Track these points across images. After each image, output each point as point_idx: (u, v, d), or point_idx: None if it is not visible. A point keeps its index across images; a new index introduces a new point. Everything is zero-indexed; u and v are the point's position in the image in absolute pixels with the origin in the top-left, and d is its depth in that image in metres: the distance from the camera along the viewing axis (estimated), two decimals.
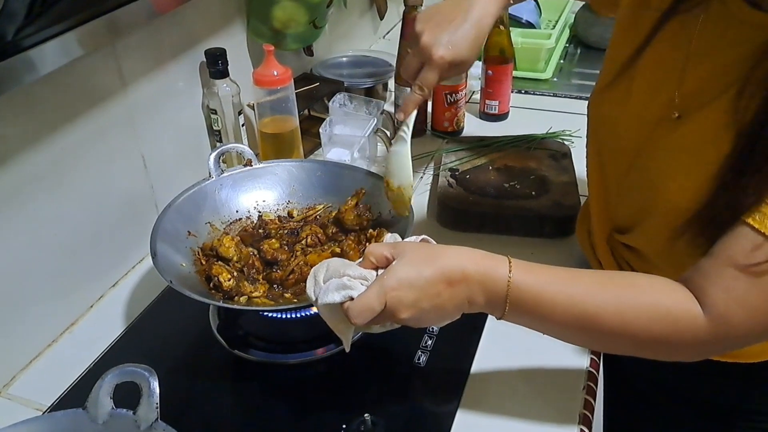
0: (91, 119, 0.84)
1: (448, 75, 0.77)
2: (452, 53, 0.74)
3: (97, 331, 0.85)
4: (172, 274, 0.74)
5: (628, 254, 0.77)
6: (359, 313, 0.58)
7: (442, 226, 1.03)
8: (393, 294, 0.58)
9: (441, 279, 0.59)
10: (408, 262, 0.59)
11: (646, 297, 0.59)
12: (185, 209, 0.84)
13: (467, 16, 0.74)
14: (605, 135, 0.78)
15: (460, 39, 0.74)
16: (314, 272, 0.64)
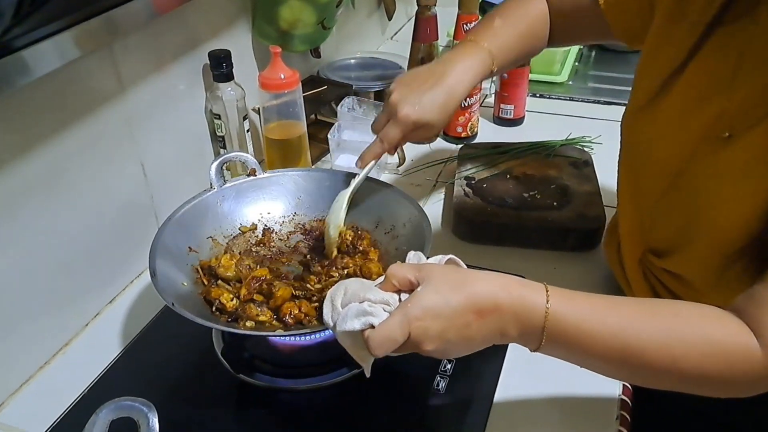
0: (88, 125, 0.79)
1: (414, 137, 0.76)
2: (417, 113, 0.73)
3: (92, 352, 0.80)
4: (173, 295, 0.69)
5: (666, 277, 0.72)
6: (380, 344, 0.53)
7: (459, 238, 0.97)
8: (417, 324, 0.53)
9: (470, 309, 0.53)
10: (435, 288, 0.54)
11: (696, 329, 0.53)
12: (185, 223, 0.79)
13: (440, 80, 0.75)
14: (641, 155, 0.72)
15: (428, 101, 0.74)
16: (331, 296, 0.59)
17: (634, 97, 0.74)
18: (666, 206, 0.69)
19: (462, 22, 1.12)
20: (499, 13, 0.84)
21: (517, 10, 0.85)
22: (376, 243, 0.83)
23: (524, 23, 0.84)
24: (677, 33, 0.67)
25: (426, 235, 0.76)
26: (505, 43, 0.81)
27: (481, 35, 0.81)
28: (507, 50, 0.81)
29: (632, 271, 0.77)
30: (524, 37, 0.84)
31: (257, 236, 0.85)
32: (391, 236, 0.83)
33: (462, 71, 0.77)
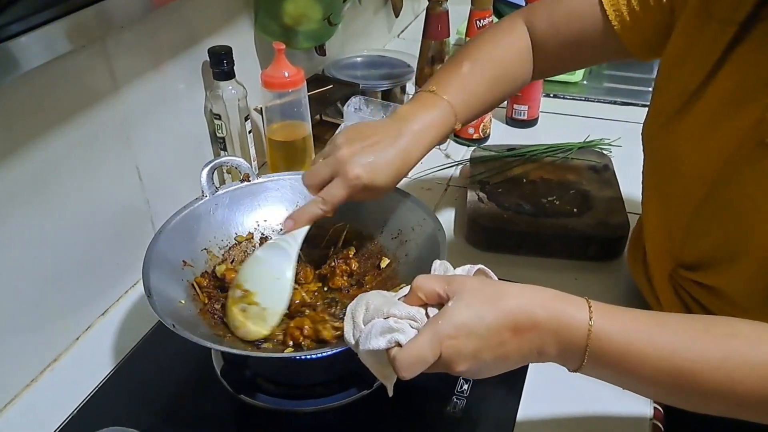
0: (79, 125, 0.73)
1: (356, 198, 0.68)
2: (370, 177, 0.66)
3: (82, 369, 0.75)
4: (172, 314, 0.63)
5: (701, 292, 0.66)
6: (409, 366, 0.49)
7: (473, 246, 0.92)
8: (449, 343, 0.49)
9: (506, 326, 0.49)
10: (467, 303, 0.50)
11: (756, 349, 0.48)
12: (178, 235, 0.73)
13: (395, 143, 0.68)
14: (670, 165, 0.67)
15: (382, 165, 0.67)
16: (351, 312, 0.54)
17: (658, 104, 0.68)
18: (701, 219, 0.64)
19: (475, 18, 1.06)
20: (469, 56, 0.76)
21: (492, 50, 0.77)
22: (383, 249, 0.78)
23: (498, 67, 0.76)
24: (705, 35, 0.62)
25: (439, 241, 0.71)
26: (472, 96, 0.74)
27: (446, 85, 0.73)
28: (474, 104, 0.74)
29: (661, 285, 0.71)
30: (497, 83, 0.76)
31: (254, 246, 0.79)
32: (398, 242, 0.77)
33: (419, 134, 0.69)
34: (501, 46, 0.78)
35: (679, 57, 0.66)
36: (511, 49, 0.77)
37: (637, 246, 0.78)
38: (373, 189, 0.68)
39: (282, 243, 0.70)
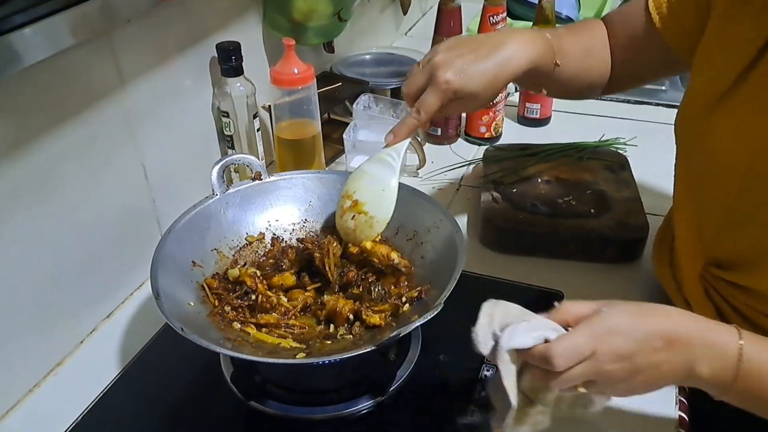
0: (83, 122, 0.71)
1: (453, 108, 0.67)
2: (461, 81, 0.64)
3: (87, 373, 0.72)
4: (180, 317, 0.61)
5: (735, 293, 0.64)
6: (563, 353, 0.48)
7: (487, 248, 0.90)
8: (606, 339, 0.49)
9: (661, 334, 0.50)
10: (622, 310, 0.51)
11: None
12: (187, 235, 0.71)
13: (493, 51, 0.65)
14: (707, 157, 0.64)
15: (474, 70, 0.64)
16: (489, 314, 0.54)
17: (695, 94, 0.66)
18: (737, 213, 0.61)
19: (488, 14, 1.04)
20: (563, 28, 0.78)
21: (580, 26, 0.80)
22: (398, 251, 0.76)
23: (587, 37, 0.77)
24: (744, 24, 0.60)
25: (457, 243, 0.68)
26: (567, 44, 0.73)
27: (544, 31, 0.73)
28: (569, 50, 0.73)
29: (692, 287, 0.69)
30: (586, 49, 0.76)
31: (266, 246, 0.77)
32: (414, 243, 0.75)
33: (521, 45, 0.67)
34: (589, 26, 0.78)
35: (716, 47, 0.64)
36: (596, 31, 0.78)
37: (663, 246, 0.76)
38: (465, 96, 0.64)
39: (385, 156, 0.70)
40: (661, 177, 1.05)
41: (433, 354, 0.72)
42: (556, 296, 0.80)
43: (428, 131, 1.13)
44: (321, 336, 0.67)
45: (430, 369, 0.71)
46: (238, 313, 0.67)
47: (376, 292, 0.66)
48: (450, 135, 1.14)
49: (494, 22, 1.04)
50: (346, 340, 0.65)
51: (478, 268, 0.86)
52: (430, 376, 0.70)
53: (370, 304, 0.66)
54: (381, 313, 0.65)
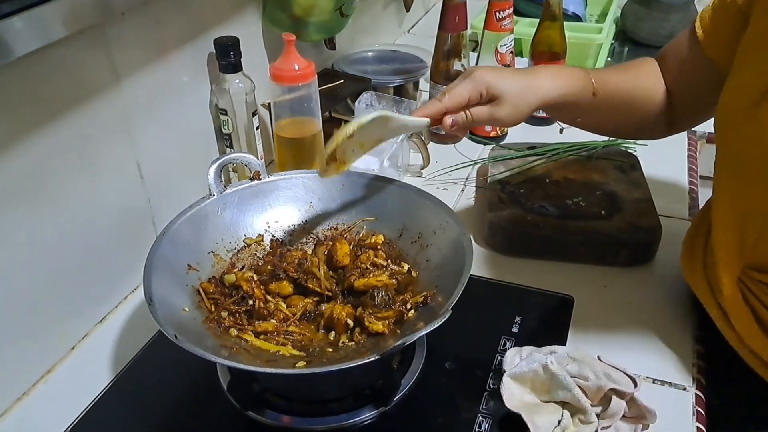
0: (76, 119, 0.68)
1: (479, 113, 0.67)
2: (494, 78, 0.67)
3: (78, 381, 0.69)
4: (174, 323, 0.58)
5: None
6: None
7: (494, 250, 0.87)
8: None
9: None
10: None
11: None
12: (182, 237, 0.68)
13: (528, 75, 0.70)
14: (752, 152, 0.61)
15: (509, 76, 0.68)
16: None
17: (738, 92, 0.62)
18: None
19: (494, 10, 1.01)
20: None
21: (629, 64, 0.80)
22: (402, 254, 0.73)
23: (633, 74, 0.78)
24: None
25: (464, 246, 0.65)
26: (612, 78, 0.75)
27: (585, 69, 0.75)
28: (612, 84, 0.74)
29: (729, 291, 0.65)
30: (628, 73, 0.77)
31: (264, 248, 0.74)
32: (419, 246, 0.72)
33: (554, 75, 0.71)
34: (640, 67, 0.79)
35: (759, 41, 0.61)
36: (643, 62, 0.79)
37: (694, 248, 0.73)
38: (495, 96, 0.67)
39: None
40: (672, 177, 1.02)
41: (439, 362, 0.69)
42: (566, 301, 0.78)
43: (432, 130, 1.10)
44: (322, 343, 0.64)
45: (436, 377, 0.68)
46: (235, 320, 0.65)
47: (379, 298, 0.63)
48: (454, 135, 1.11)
49: (500, 18, 1.02)
50: (348, 348, 0.63)
51: (485, 271, 0.83)
52: (435, 385, 0.67)
53: (373, 311, 0.63)
54: (384, 320, 0.63)
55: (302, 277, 0.69)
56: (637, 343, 0.72)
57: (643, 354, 0.71)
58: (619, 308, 0.77)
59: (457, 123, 0.67)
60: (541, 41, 1.10)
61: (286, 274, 0.69)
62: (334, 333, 0.65)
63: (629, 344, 0.72)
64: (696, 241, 0.73)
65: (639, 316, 0.76)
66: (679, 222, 0.92)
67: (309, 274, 0.69)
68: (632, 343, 0.72)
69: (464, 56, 1.06)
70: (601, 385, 0.59)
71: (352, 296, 0.68)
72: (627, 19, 1.50)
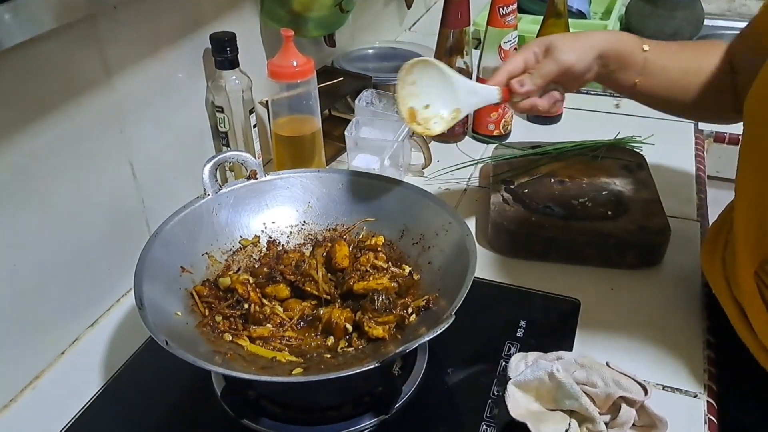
0: (66, 116, 0.66)
1: (543, 63, 0.69)
2: (540, 38, 0.70)
3: (68, 387, 0.67)
4: (165, 329, 0.56)
5: None
6: None
7: (497, 252, 0.84)
8: None
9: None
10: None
11: None
12: (176, 238, 0.66)
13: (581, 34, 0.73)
14: None
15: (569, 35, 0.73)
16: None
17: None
18: None
19: (498, 5, 0.99)
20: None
21: (692, 43, 0.83)
22: (404, 256, 0.71)
23: (690, 43, 0.79)
24: None
25: (468, 248, 0.63)
26: (660, 42, 0.74)
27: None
28: (663, 46, 0.73)
29: (745, 284, 0.62)
30: (685, 49, 0.76)
31: (261, 250, 0.72)
32: (420, 247, 0.70)
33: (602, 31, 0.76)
34: (703, 49, 0.76)
35: None
36: (711, 55, 0.75)
37: (717, 243, 0.70)
38: (546, 43, 0.69)
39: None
40: (679, 177, 1.00)
41: (442, 368, 0.67)
42: (572, 304, 0.75)
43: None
44: (320, 349, 0.62)
45: (438, 384, 0.65)
46: (230, 324, 0.62)
47: (379, 302, 0.61)
48: (457, 133, 1.09)
49: (504, 14, 0.99)
50: (347, 354, 0.60)
51: (488, 274, 0.81)
52: (437, 392, 0.65)
53: (373, 315, 0.60)
54: (385, 324, 0.60)
55: (300, 280, 0.67)
56: (646, 348, 0.70)
57: (653, 360, 0.69)
58: (627, 312, 0.75)
59: (525, 81, 0.67)
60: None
61: (283, 277, 0.67)
62: (333, 338, 0.63)
63: (638, 349, 0.70)
64: (719, 237, 0.70)
65: (647, 320, 0.73)
66: (687, 223, 0.90)
67: (307, 277, 0.67)
68: (641, 348, 0.70)
69: (467, 53, 1.03)
70: (610, 392, 0.57)
71: (352, 300, 0.66)
72: (632, 17, 1.47)
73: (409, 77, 0.67)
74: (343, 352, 0.61)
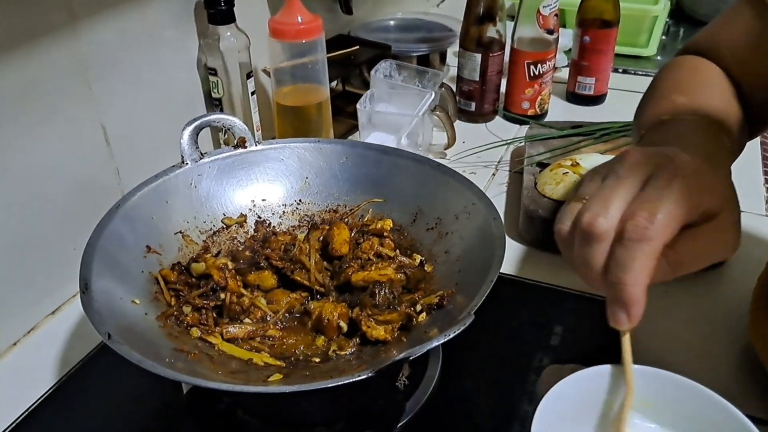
0: (22, 64, 0.56)
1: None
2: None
3: (16, 384, 0.57)
4: (116, 318, 0.45)
5: None
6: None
7: (528, 244, 0.72)
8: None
9: None
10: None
11: None
12: (143, 212, 0.55)
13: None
14: None
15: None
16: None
17: None
18: None
19: None
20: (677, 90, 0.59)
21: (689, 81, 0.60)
22: (415, 244, 0.59)
23: (690, 84, 0.59)
24: None
25: (494, 234, 0.51)
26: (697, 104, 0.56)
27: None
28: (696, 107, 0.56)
29: None
30: (705, 91, 0.58)
31: (247, 232, 0.61)
32: (436, 234, 0.58)
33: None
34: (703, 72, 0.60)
35: None
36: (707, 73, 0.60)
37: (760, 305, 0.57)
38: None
39: None
40: (743, 166, 0.86)
41: (456, 380, 0.55)
42: None
43: (460, 106, 0.96)
44: (308, 351, 0.51)
45: (452, 400, 0.54)
46: (200, 317, 0.51)
47: (381, 297, 0.49)
48: (486, 111, 0.97)
49: None
50: (339, 359, 0.49)
51: (518, 269, 0.69)
52: (451, 409, 0.53)
53: (373, 312, 0.49)
54: (387, 324, 0.49)
55: (288, 267, 0.55)
56: (707, 362, 0.57)
57: (716, 377, 0.56)
58: (684, 319, 0.62)
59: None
60: (591, 8, 0.95)
61: (269, 263, 0.56)
62: (324, 338, 0.51)
63: (697, 363, 0.57)
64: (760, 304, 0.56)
65: (707, 329, 0.61)
66: (753, 217, 0.76)
67: (297, 264, 0.56)
68: (701, 362, 0.57)
69: (500, 20, 0.91)
70: None
71: (350, 293, 0.54)
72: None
73: None
74: (335, 356, 0.50)
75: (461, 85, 0.96)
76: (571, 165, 0.72)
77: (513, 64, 0.92)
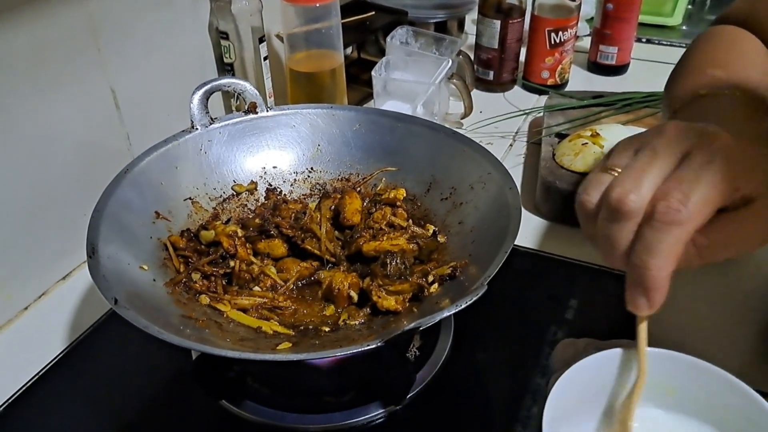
0: (30, 25, 0.55)
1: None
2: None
3: (27, 347, 0.57)
4: (124, 284, 0.45)
5: None
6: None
7: (545, 217, 0.70)
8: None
9: None
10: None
11: None
12: (152, 177, 0.54)
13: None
14: None
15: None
16: None
17: None
18: None
19: None
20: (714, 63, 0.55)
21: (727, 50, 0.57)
22: (429, 214, 0.58)
23: (732, 53, 0.56)
24: None
25: (510, 203, 0.50)
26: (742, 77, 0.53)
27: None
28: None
29: None
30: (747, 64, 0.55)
31: (258, 199, 0.60)
32: (450, 204, 0.57)
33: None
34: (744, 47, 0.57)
35: None
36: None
37: None
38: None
39: None
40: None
41: (468, 352, 0.54)
42: None
43: (478, 74, 0.94)
44: (317, 321, 0.50)
45: (463, 372, 0.53)
46: (209, 284, 0.51)
47: (393, 267, 0.48)
48: (504, 80, 0.94)
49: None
50: (349, 329, 0.48)
51: (533, 242, 0.67)
52: (462, 381, 0.52)
53: (385, 282, 0.48)
54: (398, 294, 0.48)
55: (298, 236, 0.54)
56: (727, 342, 0.56)
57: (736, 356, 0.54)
58: (706, 296, 0.61)
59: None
60: None
61: (279, 231, 0.55)
62: (334, 308, 0.50)
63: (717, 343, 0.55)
64: None
65: (732, 308, 0.59)
66: None
67: (308, 233, 0.55)
68: (720, 342, 0.56)
69: None
70: None
71: (361, 263, 0.53)
72: None
73: None
74: (345, 325, 0.49)
75: (479, 53, 0.93)
76: (591, 135, 0.70)
77: (533, 31, 0.90)
